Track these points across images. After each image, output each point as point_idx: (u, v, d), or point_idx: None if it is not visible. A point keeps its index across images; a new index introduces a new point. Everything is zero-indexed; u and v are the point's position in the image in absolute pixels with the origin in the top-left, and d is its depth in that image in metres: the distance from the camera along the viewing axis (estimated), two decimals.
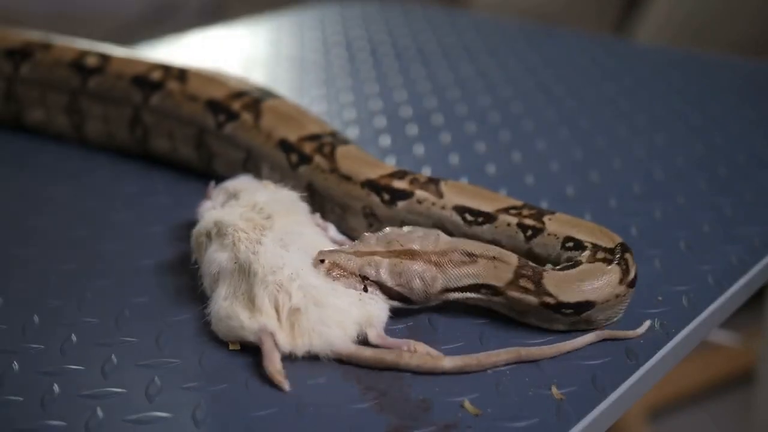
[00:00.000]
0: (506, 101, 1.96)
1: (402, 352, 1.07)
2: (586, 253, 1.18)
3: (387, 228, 1.19)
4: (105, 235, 1.41)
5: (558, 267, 1.17)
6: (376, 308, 1.11)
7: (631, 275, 1.17)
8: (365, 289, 1.12)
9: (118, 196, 1.54)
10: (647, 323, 1.16)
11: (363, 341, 1.09)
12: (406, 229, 1.18)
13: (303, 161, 1.38)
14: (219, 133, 1.50)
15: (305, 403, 1.03)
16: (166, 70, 1.59)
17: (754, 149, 1.72)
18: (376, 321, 1.10)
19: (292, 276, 1.10)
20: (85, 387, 1.06)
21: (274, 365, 1.05)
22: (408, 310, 1.16)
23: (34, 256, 1.36)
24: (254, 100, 1.49)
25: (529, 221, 1.24)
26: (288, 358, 1.09)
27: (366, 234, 1.18)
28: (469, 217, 1.26)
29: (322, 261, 1.13)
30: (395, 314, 1.14)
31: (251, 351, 1.11)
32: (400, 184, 1.31)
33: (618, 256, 1.17)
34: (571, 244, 1.21)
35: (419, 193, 1.30)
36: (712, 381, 2.80)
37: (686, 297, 1.23)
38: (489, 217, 1.25)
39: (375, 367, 1.07)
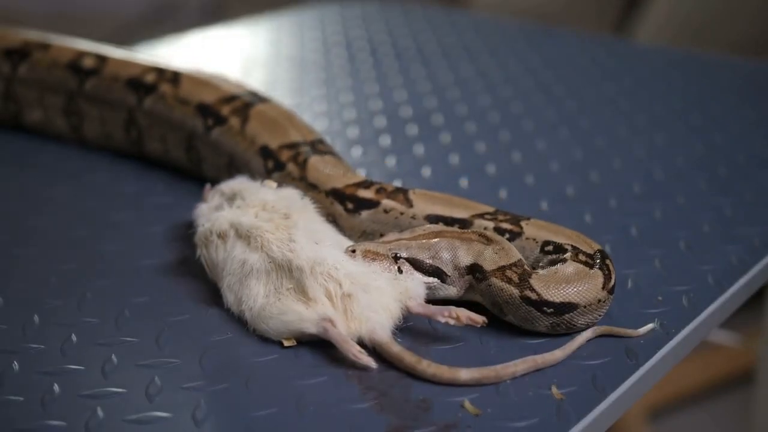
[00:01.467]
0: (506, 101, 1.96)
1: (421, 359, 1.07)
2: (568, 254, 1.18)
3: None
4: (105, 235, 1.41)
5: (543, 270, 1.17)
6: (412, 282, 1.15)
7: (612, 281, 1.17)
8: (399, 270, 1.15)
9: (118, 196, 1.54)
10: (650, 326, 1.16)
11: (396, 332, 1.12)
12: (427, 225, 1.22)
13: (277, 168, 1.38)
14: (206, 137, 1.50)
15: (305, 403, 1.03)
16: (160, 72, 1.59)
17: (754, 149, 1.72)
18: (414, 293, 1.13)
19: (336, 266, 1.13)
20: (85, 387, 1.06)
21: (354, 347, 1.07)
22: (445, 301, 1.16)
23: (34, 256, 1.36)
24: (244, 104, 1.49)
25: (506, 225, 1.24)
26: (289, 357, 1.10)
27: (388, 233, 1.21)
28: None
29: (353, 251, 1.16)
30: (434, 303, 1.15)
31: (253, 351, 1.11)
32: (365, 194, 1.30)
33: (599, 261, 1.17)
34: (550, 247, 1.21)
35: (386, 203, 1.29)
36: (712, 381, 2.80)
37: (686, 297, 1.23)
38: (465, 224, 1.25)
39: (394, 364, 1.08)
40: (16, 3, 3.82)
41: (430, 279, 1.16)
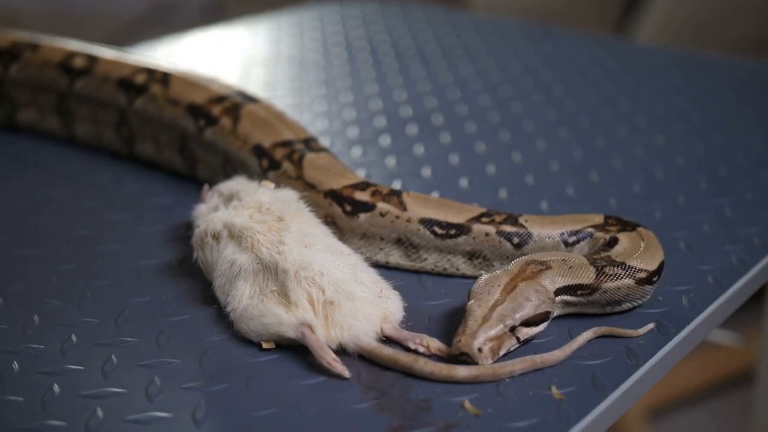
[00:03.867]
0: (506, 101, 1.96)
1: (417, 358, 1.07)
2: (600, 233, 1.24)
3: (474, 284, 1.14)
4: (105, 235, 1.41)
5: (600, 254, 1.21)
6: (393, 305, 1.14)
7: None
8: (518, 340, 1.10)
9: (118, 196, 1.54)
10: (650, 325, 1.16)
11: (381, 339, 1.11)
12: (483, 277, 1.14)
13: (272, 167, 1.38)
14: (200, 138, 1.50)
15: (305, 403, 1.03)
16: (150, 73, 1.59)
17: (754, 149, 1.72)
18: (393, 317, 1.13)
19: (322, 272, 1.12)
20: (85, 387, 1.06)
21: (329, 354, 1.07)
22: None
23: (34, 256, 1.36)
24: (234, 104, 1.49)
25: (508, 228, 1.25)
26: (289, 357, 1.10)
27: (471, 304, 1.11)
28: (438, 230, 1.26)
29: (480, 350, 1.06)
30: None
31: (252, 351, 1.11)
32: (361, 196, 1.30)
33: (618, 223, 1.26)
34: (573, 238, 1.25)
35: (381, 206, 1.29)
36: (712, 381, 2.80)
37: (686, 297, 1.23)
38: (462, 229, 1.25)
39: (390, 367, 1.08)
40: (16, 3, 3.83)
41: (542, 326, 1.13)
